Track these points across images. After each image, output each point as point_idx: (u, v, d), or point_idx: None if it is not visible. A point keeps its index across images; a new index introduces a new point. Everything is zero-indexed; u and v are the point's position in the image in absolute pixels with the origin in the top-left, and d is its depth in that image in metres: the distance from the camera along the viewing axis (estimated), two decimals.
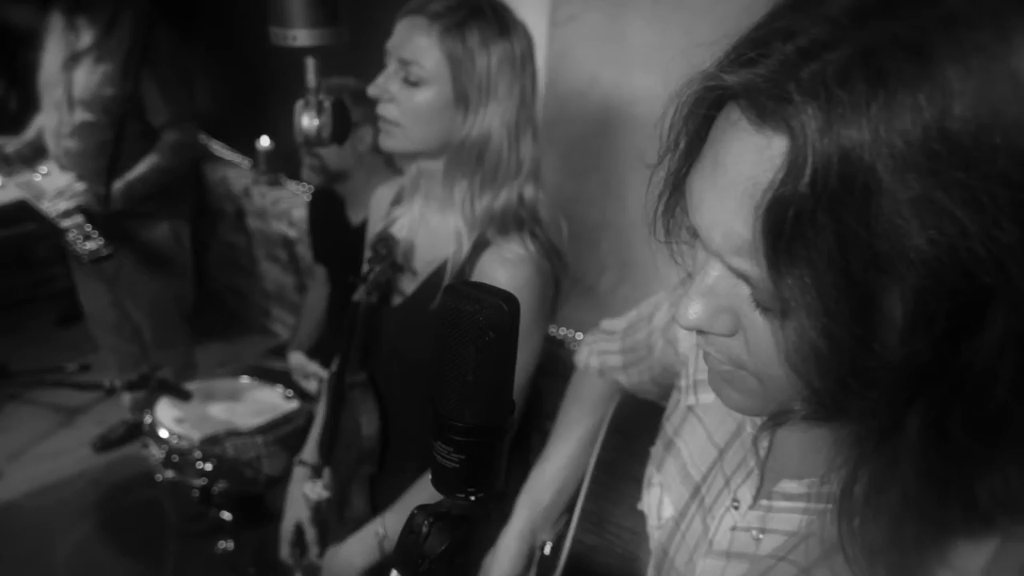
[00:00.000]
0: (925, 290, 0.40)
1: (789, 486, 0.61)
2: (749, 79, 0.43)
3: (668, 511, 0.76)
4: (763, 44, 0.44)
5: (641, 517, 0.80)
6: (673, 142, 0.52)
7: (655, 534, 0.77)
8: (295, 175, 3.31)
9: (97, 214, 2.25)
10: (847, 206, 0.39)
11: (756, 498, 0.64)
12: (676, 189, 0.54)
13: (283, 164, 3.36)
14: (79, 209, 2.20)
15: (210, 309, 3.81)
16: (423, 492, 1.26)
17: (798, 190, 0.40)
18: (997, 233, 0.38)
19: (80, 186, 2.28)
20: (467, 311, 0.51)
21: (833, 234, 0.40)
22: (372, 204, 1.43)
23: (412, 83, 1.12)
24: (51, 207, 2.22)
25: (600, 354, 1.05)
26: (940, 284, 0.39)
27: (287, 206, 3.23)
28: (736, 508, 0.66)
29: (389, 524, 1.26)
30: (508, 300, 0.51)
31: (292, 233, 3.25)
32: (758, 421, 0.66)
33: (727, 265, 0.48)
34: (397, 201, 1.35)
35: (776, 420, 0.50)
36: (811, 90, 0.40)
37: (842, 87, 0.39)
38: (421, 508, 0.56)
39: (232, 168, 3.63)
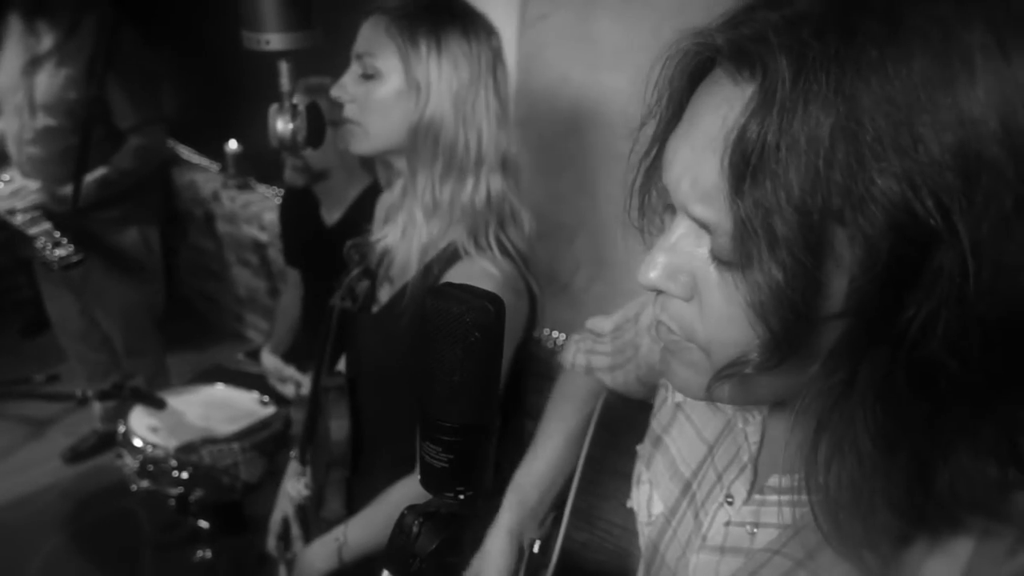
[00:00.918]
0: (875, 234, 0.42)
1: (780, 480, 0.62)
2: (732, 35, 0.47)
3: (658, 508, 0.76)
4: (750, 11, 0.48)
5: (631, 513, 0.81)
6: (655, 103, 0.55)
7: (645, 531, 0.78)
8: (265, 178, 3.29)
9: (66, 220, 2.21)
10: (809, 147, 0.42)
11: (750, 493, 0.65)
12: (657, 154, 0.56)
13: (252, 167, 3.33)
14: (46, 215, 2.16)
15: (181, 315, 3.75)
16: (386, 504, 1.26)
17: (764, 128, 0.44)
18: (944, 180, 0.41)
19: (33, 185, 2.23)
20: (453, 312, 0.51)
21: (794, 173, 0.43)
22: (377, 212, 1.41)
23: (368, 76, 1.14)
24: (3, 205, 2.17)
25: (587, 353, 1.06)
26: (889, 229, 0.42)
27: (257, 209, 3.20)
28: (730, 503, 0.66)
29: (350, 532, 1.26)
30: (493, 301, 0.52)
31: (263, 237, 3.22)
32: (748, 417, 0.67)
33: (692, 217, 0.51)
34: (387, 218, 1.35)
35: (729, 371, 0.51)
36: (786, 39, 0.44)
37: (816, 39, 0.43)
38: (411, 508, 0.57)
39: (201, 172, 3.59)
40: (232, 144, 3.30)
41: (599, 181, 2.00)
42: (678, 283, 0.53)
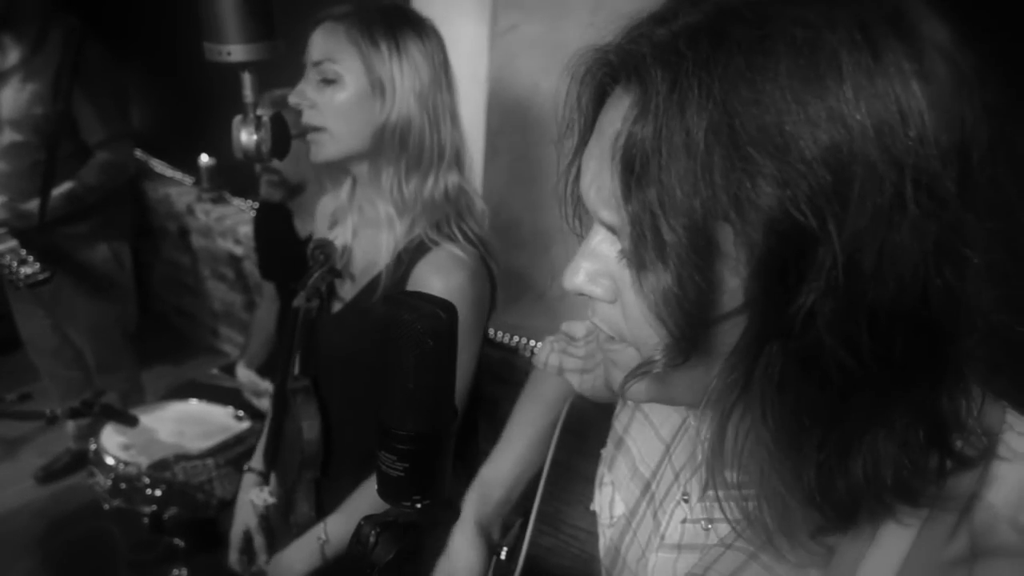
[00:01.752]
0: (756, 235, 0.44)
1: (732, 475, 0.63)
2: (622, 49, 0.50)
3: (619, 509, 0.77)
4: (639, 26, 0.50)
5: (595, 517, 0.81)
6: (569, 117, 0.56)
7: (607, 532, 0.78)
8: (239, 192, 3.26)
9: (33, 237, 2.18)
10: (687, 151, 0.44)
11: (705, 490, 0.66)
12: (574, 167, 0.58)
13: (227, 181, 3.30)
14: (12, 232, 2.12)
15: (156, 331, 3.71)
16: (366, 498, 1.27)
17: (644, 134, 0.45)
18: (817, 180, 0.42)
19: None
20: (405, 320, 0.51)
21: (675, 177, 0.44)
22: (317, 214, 1.43)
23: (329, 81, 1.15)
24: None
25: (561, 354, 1.07)
26: (769, 230, 0.43)
27: (232, 223, 3.18)
28: (686, 501, 0.67)
29: (331, 529, 1.27)
30: (445, 308, 0.52)
31: (238, 250, 3.19)
32: (701, 415, 0.67)
33: (601, 222, 0.53)
34: (335, 220, 1.36)
35: (638, 371, 0.52)
36: (665, 50, 0.46)
37: (690, 48, 0.45)
38: (368, 518, 0.56)
39: (175, 186, 3.56)
40: (205, 158, 3.27)
41: None
42: (601, 286, 0.55)
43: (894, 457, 0.48)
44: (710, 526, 0.65)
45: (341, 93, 1.15)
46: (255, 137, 1.09)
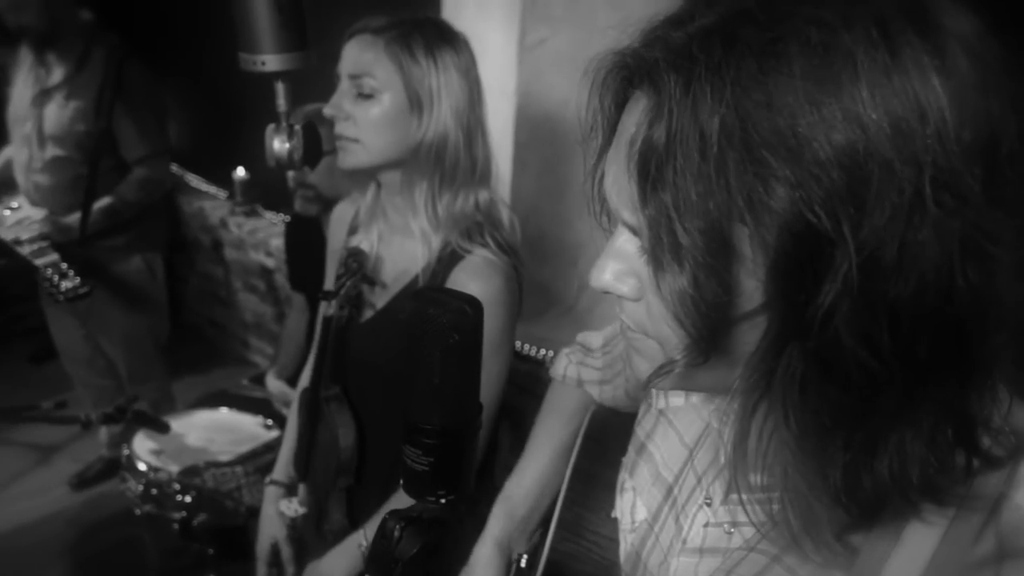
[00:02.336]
0: (771, 237, 0.44)
1: (755, 478, 0.62)
2: (638, 54, 0.50)
3: (641, 514, 0.76)
4: (655, 30, 0.50)
5: (616, 524, 0.81)
6: (592, 121, 0.57)
7: (628, 538, 0.78)
8: (272, 205, 3.32)
9: (71, 251, 2.24)
10: (701, 154, 0.44)
11: (727, 493, 0.65)
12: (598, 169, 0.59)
13: (260, 195, 3.36)
14: (54, 247, 2.18)
15: (188, 342, 3.77)
16: (402, 501, 1.26)
17: (658, 137, 0.46)
18: (833, 182, 0.42)
19: (37, 215, 2.26)
20: (432, 314, 0.52)
21: (689, 179, 0.44)
22: (332, 220, 1.44)
23: (366, 96, 1.16)
24: (7, 234, 2.20)
25: (578, 365, 1.07)
26: (784, 232, 0.43)
27: (264, 236, 3.23)
28: (709, 505, 0.67)
29: (371, 535, 1.26)
30: (471, 303, 0.52)
31: (270, 263, 3.24)
32: (724, 417, 0.67)
33: (623, 222, 0.53)
34: (355, 227, 1.37)
35: (660, 371, 0.53)
36: (678, 54, 0.46)
37: (703, 52, 0.45)
38: (393, 513, 0.57)
39: (209, 199, 3.63)
40: (240, 172, 3.34)
41: None
42: (627, 284, 0.55)
43: (921, 456, 0.47)
44: (733, 529, 0.64)
45: (378, 107, 1.16)
46: (287, 145, 1.11)
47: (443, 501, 0.56)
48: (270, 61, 1.03)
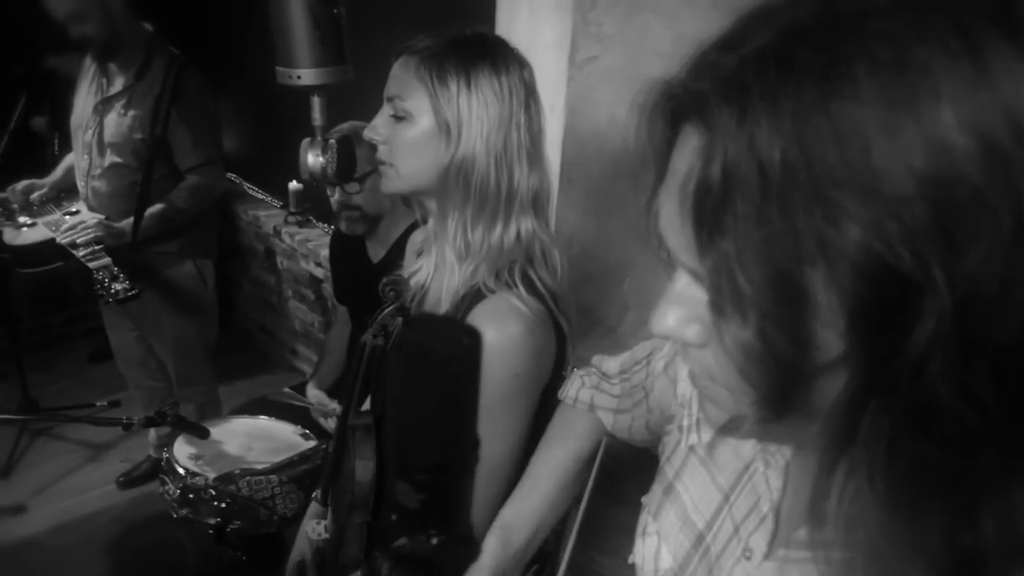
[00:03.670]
0: (848, 284, 0.39)
1: (810, 533, 0.56)
2: (686, 85, 0.45)
3: (666, 562, 0.71)
4: (705, 55, 0.45)
5: (632, 570, 0.76)
6: (642, 160, 0.52)
7: None
8: (324, 216, 3.37)
9: (123, 255, 2.30)
10: (762, 195, 0.39)
11: (771, 546, 0.60)
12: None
13: (313, 206, 3.42)
14: (106, 250, 2.25)
15: (239, 347, 3.85)
16: None
17: (713, 178, 0.41)
18: (916, 217, 0.36)
19: (92, 220, 2.33)
20: (427, 343, 0.49)
21: (751, 224, 0.39)
22: (407, 248, 1.40)
23: (399, 118, 1.13)
24: (63, 239, 2.28)
25: (593, 389, 1.01)
26: (862, 278, 0.38)
27: (315, 245, 3.27)
28: (748, 559, 0.61)
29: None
30: (469, 334, 0.50)
31: (319, 272, 3.28)
32: (770, 459, 0.62)
33: (682, 266, 0.48)
34: (421, 250, 1.34)
35: (728, 428, 0.48)
36: (730, 84, 0.41)
37: (758, 80, 0.40)
38: (384, 550, 0.54)
39: (264, 208, 3.70)
40: (295, 183, 3.40)
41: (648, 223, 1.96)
42: (691, 331, 0.50)
43: None
44: None
45: (408, 131, 1.13)
46: (321, 159, 1.11)
47: (434, 541, 0.52)
48: (305, 75, 1.03)
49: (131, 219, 2.35)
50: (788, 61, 0.39)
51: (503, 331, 1.08)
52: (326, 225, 3.35)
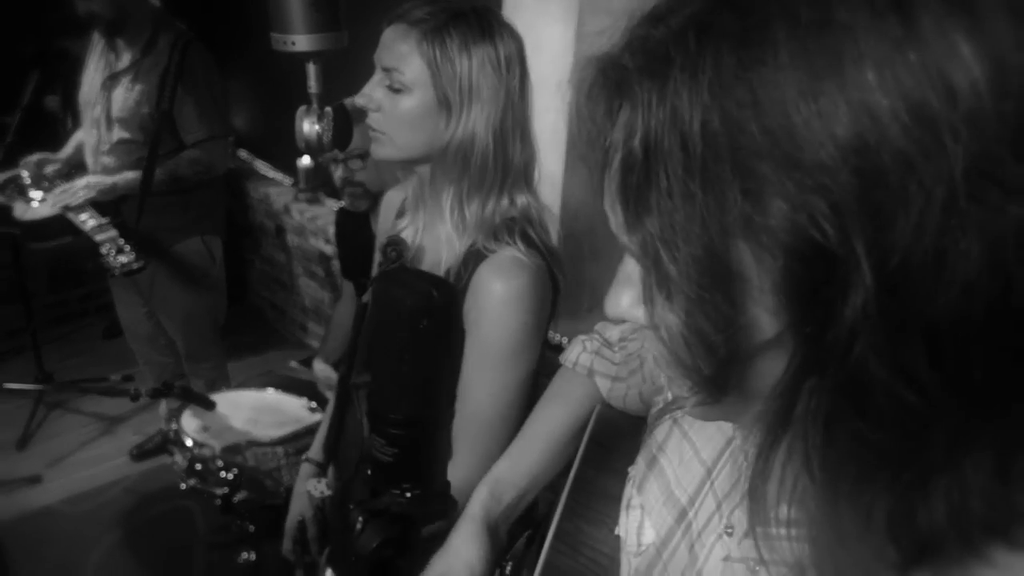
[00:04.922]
0: (772, 259, 0.37)
1: (791, 509, 0.56)
2: (615, 60, 0.43)
3: (649, 536, 0.70)
4: (634, 28, 0.44)
5: (619, 541, 0.75)
6: (584, 140, 0.50)
7: (632, 561, 0.72)
8: (334, 193, 3.37)
9: (130, 229, 2.31)
10: (684, 170, 0.37)
11: (752, 524, 0.59)
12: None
13: (323, 183, 3.41)
14: (113, 224, 2.26)
15: (250, 323, 3.88)
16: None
17: (634, 152, 0.40)
18: (840, 187, 0.34)
19: (82, 181, 2.34)
20: (397, 296, 0.49)
21: (677, 200, 0.38)
22: (381, 209, 1.43)
23: (395, 90, 1.13)
24: (57, 205, 2.30)
25: (593, 354, 1.01)
26: (791, 252, 0.36)
27: (324, 223, 3.28)
28: (730, 535, 0.60)
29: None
30: (439, 286, 0.50)
31: (329, 249, 3.29)
32: (748, 434, 0.61)
33: (624, 246, 0.47)
34: (402, 211, 1.35)
35: (671, 407, 0.47)
36: (652, 56, 0.40)
37: (679, 51, 0.38)
38: (358, 503, 0.55)
39: (274, 186, 3.71)
40: (305, 160, 3.39)
41: None
42: (643, 311, 0.48)
43: (985, 489, 0.39)
44: (759, 567, 0.57)
45: (407, 103, 1.13)
46: (317, 127, 1.11)
47: (408, 495, 0.53)
48: (300, 41, 1.03)
49: (124, 173, 2.37)
50: (707, 28, 0.38)
51: (510, 283, 1.11)
52: (336, 202, 3.35)
